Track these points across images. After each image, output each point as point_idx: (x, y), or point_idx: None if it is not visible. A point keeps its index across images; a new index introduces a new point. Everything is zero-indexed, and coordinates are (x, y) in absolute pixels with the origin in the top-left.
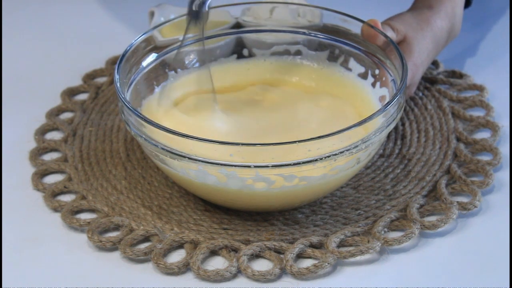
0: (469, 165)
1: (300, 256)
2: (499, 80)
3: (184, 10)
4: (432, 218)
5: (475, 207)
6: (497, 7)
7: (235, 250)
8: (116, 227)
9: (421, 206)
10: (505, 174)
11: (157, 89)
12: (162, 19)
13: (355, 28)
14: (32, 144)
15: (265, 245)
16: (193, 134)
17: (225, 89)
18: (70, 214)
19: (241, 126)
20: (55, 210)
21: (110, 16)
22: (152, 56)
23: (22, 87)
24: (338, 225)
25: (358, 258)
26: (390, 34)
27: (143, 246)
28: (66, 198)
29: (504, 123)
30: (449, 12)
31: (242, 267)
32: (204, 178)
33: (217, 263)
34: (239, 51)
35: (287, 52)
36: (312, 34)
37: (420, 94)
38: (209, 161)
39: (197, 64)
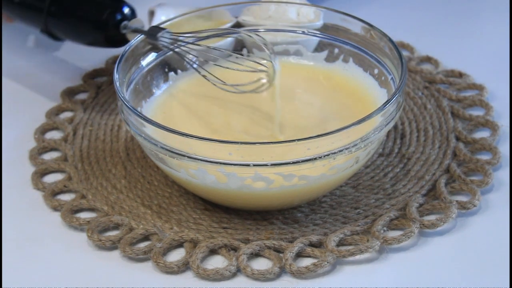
0: (468, 164)
1: (299, 255)
2: (499, 80)
3: (185, 10)
4: (432, 217)
5: (475, 206)
6: (497, 6)
7: (235, 249)
8: (116, 226)
9: (421, 205)
10: (504, 173)
11: (157, 90)
12: (163, 18)
13: (355, 28)
14: (32, 144)
15: (264, 244)
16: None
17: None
18: (70, 213)
19: (242, 126)
20: (55, 209)
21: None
22: (151, 56)
23: (22, 87)
24: (338, 224)
25: (358, 257)
26: None
27: (142, 245)
28: (66, 197)
29: (504, 123)
30: None
31: (242, 266)
32: (203, 177)
33: (217, 262)
34: (239, 51)
35: (286, 52)
36: (312, 34)
37: (420, 93)
38: (208, 160)
39: (196, 64)
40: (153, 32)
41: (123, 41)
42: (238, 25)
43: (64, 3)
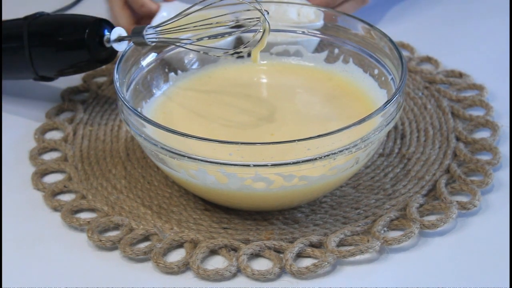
0: (468, 164)
1: (299, 255)
2: (499, 80)
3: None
4: (432, 218)
5: (475, 206)
6: (497, 7)
7: (235, 250)
8: (116, 227)
9: (421, 205)
10: (504, 173)
11: (157, 90)
12: (165, 14)
13: (355, 28)
14: (32, 144)
15: (264, 244)
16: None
17: (224, 89)
18: (70, 214)
19: (241, 126)
20: (55, 209)
21: (110, 15)
22: (151, 56)
23: (22, 87)
24: (338, 225)
25: (358, 257)
26: None
27: (143, 245)
28: (66, 197)
29: (504, 123)
30: None
31: (242, 267)
32: (203, 178)
33: (217, 263)
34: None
35: (286, 53)
36: (312, 34)
37: (420, 93)
38: (208, 160)
39: (196, 64)
40: (137, 31)
41: (112, 54)
42: (238, 25)
43: (42, 37)
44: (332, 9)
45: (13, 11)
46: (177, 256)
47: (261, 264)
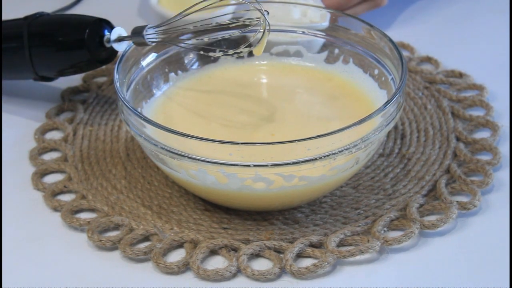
0: (468, 164)
1: (299, 255)
2: (499, 80)
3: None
4: (432, 218)
5: (475, 206)
6: (497, 7)
7: (235, 250)
8: (116, 227)
9: (421, 205)
10: (504, 173)
11: (157, 90)
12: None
13: (355, 28)
14: (32, 144)
15: (265, 244)
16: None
17: (225, 89)
18: (70, 214)
19: (241, 126)
20: (55, 209)
21: (111, 15)
22: (152, 56)
23: (22, 87)
24: (338, 225)
25: (358, 257)
26: None
27: (143, 245)
28: (66, 197)
29: (504, 123)
30: None
31: (242, 267)
32: (203, 178)
33: (217, 263)
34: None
35: (286, 53)
36: (312, 34)
37: (420, 93)
38: (209, 160)
39: (196, 64)
40: (137, 31)
41: (112, 54)
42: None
43: (42, 37)
44: (337, 10)
45: (13, 11)
46: (177, 256)
47: (261, 264)
